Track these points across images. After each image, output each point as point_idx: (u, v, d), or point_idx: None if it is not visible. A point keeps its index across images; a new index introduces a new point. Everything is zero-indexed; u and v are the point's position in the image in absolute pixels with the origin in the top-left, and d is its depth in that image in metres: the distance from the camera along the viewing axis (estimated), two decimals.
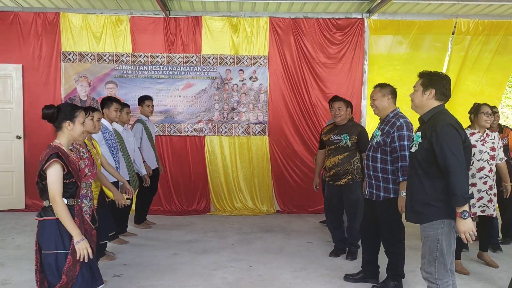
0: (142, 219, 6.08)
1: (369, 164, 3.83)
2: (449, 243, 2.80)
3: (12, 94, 6.80)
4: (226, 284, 4.01)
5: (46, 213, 2.67)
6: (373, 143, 3.80)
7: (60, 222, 2.63)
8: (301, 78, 7.04)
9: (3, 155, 6.79)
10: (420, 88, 2.95)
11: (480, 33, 7.05)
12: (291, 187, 7.12)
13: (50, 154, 2.62)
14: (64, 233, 2.63)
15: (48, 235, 2.64)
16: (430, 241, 2.80)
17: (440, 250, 2.78)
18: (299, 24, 7.02)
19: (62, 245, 2.62)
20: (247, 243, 5.36)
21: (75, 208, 2.74)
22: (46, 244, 2.64)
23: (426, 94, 2.91)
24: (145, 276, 4.20)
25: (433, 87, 2.89)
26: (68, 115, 2.75)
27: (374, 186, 3.80)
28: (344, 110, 4.66)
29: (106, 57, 6.94)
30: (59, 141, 2.74)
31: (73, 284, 2.63)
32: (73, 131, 2.77)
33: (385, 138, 3.67)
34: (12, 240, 5.33)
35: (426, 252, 2.85)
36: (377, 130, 3.80)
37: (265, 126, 7.14)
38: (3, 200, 6.77)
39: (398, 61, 7.16)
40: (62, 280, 2.59)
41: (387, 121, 3.74)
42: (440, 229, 2.76)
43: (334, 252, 4.87)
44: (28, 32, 6.82)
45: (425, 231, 2.84)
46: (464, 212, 2.61)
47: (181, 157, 7.06)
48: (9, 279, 4.05)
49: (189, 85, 7.05)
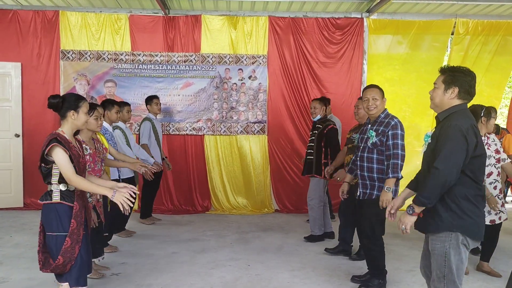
0: (147, 214, 6.14)
1: (363, 165, 3.81)
2: (459, 258, 2.57)
3: (11, 92, 6.79)
4: (224, 283, 4.01)
5: (47, 197, 2.81)
6: (368, 145, 3.75)
7: (58, 206, 2.78)
8: (300, 77, 7.04)
9: (2, 153, 6.79)
10: (442, 86, 2.65)
11: (479, 33, 7.07)
12: (289, 186, 7.12)
13: (50, 139, 2.74)
14: (63, 216, 2.78)
15: (49, 218, 2.79)
16: (437, 255, 2.61)
17: (448, 266, 2.56)
18: (298, 23, 7.02)
19: (62, 227, 2.77)
20: (246, 242, 5.36)
21: (75, 193, 2.85)
22: (48, 226, 2.79)
23: (448, 93, 2.62)
24: (144, 274, 4.19)
25: (456, 85, 2.60)
26: (73, 105, 2.87)
27: (368, 186, 3.79)
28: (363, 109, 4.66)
29: (105, 55, 6.93)
30: (62, 129, 2.86)
31: (72, 265, 2.79)
32: (77, 121, 2.89)
33: (381, 138, 3.67)
34: (10, 238, 5.33)
35: (434, 267, 2.65)
36: (371, 131, 3.75)
37: (264, 125, 7.14)
38: (1, 198, 6.77)
39: (398, 61, 7.17)
40: (58, 260, 2.73)
41: (380, 122, 3.73)
42: (447, 242, 2.56)
43: (333, 250, 4.88)
44: (27, 30, 6.82)
45: (431, 243, 2.66)
46: (411, 208, 2.58)
47: (180, 156, 7.06)
48: (7, 277, 4.04)
49: (188, 84, 7.05)
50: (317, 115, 5.37)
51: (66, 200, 2.80)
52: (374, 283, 3.87)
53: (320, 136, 5.25)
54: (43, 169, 2.80)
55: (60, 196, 2.79)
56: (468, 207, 2.54)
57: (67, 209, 2.80)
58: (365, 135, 3.83)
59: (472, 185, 2.56)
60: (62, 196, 2.79)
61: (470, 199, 2.55)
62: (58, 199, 2.78)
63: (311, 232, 5.42)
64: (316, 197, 5.28)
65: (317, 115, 5.36)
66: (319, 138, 5.26)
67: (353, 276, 4.11)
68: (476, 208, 2.58)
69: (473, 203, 2.56)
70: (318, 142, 5.27)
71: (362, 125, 4.71)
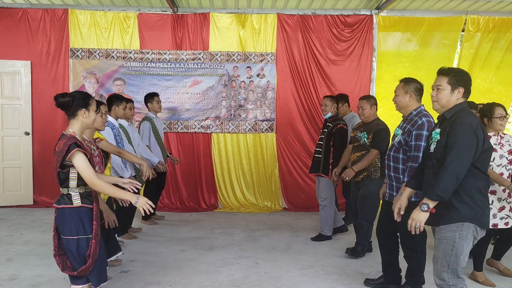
0: (149, 216, 6.09)
1: (389, 164, 3.63)
2: (467, 248, 2.66)
3: (21, 90, 6.83)
4: (233, 281, 4.00)
5: (64, 201, 2.74)
6: (395, 143, 3.58)
7: (79, 209, 2.73)
8: (309, 75, 7.01)
9: (12, 151, 6.83)
10: (448, 87, 2.76)
11: (490, 30, 6.98)
12: (298, 184, 7.10)
13: (69, 144, 2.65)
14: (84, 219, 2.74)
15: (69, 222, 2.72)
16: (445, 244, 2.68)
17: (455, 254, 2.65)
18: (307, 20, 6.99)
19: (83, 230, 2.72)
20: (254, 240, 5.35)
21: (92, 194, 2.82)
22: (67, 230, 2.73)
23: (455, 93, 2.75)
24: (152, 272, 4.20)
25: (462, 85, 2.75)
26: (83, 103, 2.79)
27: (394, 188, 3.60)
28: (368, 109, 4.62)
29: (114, 54, 6.95)
30: (73, 130, 2.78)
31: (94, 266, 2.77)
32: (88, 119, 2.82)
33: (406, 137, 3.48)
34: (20, 235, 5.36)
35: (439, 256, 2.72)
36: (398, 129, 3.61)
37: (272, 123, 7.12)
38: (11, 196, 6.81)
39: (407, 58, 7.11)
40: (88, 262, 2.71)
41: (410, 119, 3.54)
42: (457, 232, 2.64)
43: (352, 249, 4.80)
44: (37, 28, 6.86)
45: (441, 233, 2.72)
46: (426, 205, 2.64)
47: (188, 154, 7.07)
48: (17, 275, 4.06)
49: (197, 82, 7.05)
50: (328, 113, 5.27)
51: (86, 202, 2.75)
52: None
53: (330, 134, 5.20)
54: (61, 174, 2.73)
55: (80, 199, 2.73)
56: (480, 198, 2.67)
57: (88, 212, 2.77)
58: (395, 131, 3.68)
59: (482, 177, 2.70)
60: (82, 199, 2.74)
61: (481, 191, 2.69)
62: (79, 202, 2.72)
63: (321, 232, 5.37)
64: (328, 197, 5.21)
65: (328, 112, 5.27)
66: (328, 137, 5.22)
67: (366, 279, 3.99)
68: (485, 198, 2.74)
69: (483, 194, 2.71)
70: (327, 141, 5.23)
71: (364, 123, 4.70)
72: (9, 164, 6.82)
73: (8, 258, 4.52)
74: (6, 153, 6.82)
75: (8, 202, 6.80)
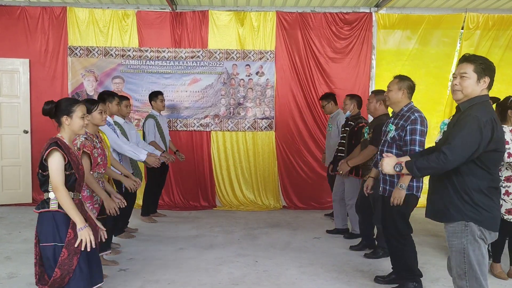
0: (149, 212, 6.11)
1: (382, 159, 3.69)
2: (479, 253, 2.53)
3: (19, 88, 6.81)
4: (232, 279, 3.99)
5: (43, 205, 2.69)
6: (388, 138, 3.65)
7: (56, 214, 2.65)
8: (308, 72, 7.00)
9: (11, 149, 6.82)
10: (474, 76, 2.54)
11: (490, 28, 6.96)
12: (297, 182, 7.09)
13: (50, 143, 2.65)
14: (60, 225, 2.63)
15: (46, 228, 2.65)
16: (455, 252, 2.58)
17: (468, 262, 2.52)
18: (306, 18, 6.97)
19: (59, 237, 2.62)
20: (253, 239, 5.34)
21: (74, 202, 2.70)
22: (44, 236, 2.65)
23: (481, 83, 2.55)
24: (151, 270, 4.19)
25: (487, 75, 2.55)
26: (65, 110, 2.75)
27: (388, 182, 3.66)
28: (373, 103, 4.57)
29: (112, 51, 6.93)
30: (61, 135, 2.77)
31: (70, 278, 2.60)
32: (71, 126, 2.77)
33: (400, 132, 3.55)
34: (18, 234, 5.35)
35: (454, 264, 2.62)
36: (391, 125, 3.65)
37: (271, 121, 7.11)
38: (10, 194, 6.80)
39: (407, 56, 7.07)
40: (55, 273, 2.56)
41: (401, 115, 3.61)
42: (464, 237, 2.53)
43: (357, 246, 4.82)
44: (35, 26, 6.83)
45: (449, 239, 2.63)
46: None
47: (187, 152, 7.04)
48: (16, 273, 4.06)
49: (196, 80, 7.03)
50: (347, 112, 5.29)
51: (63, 208, 2.63)
52: (409, 286, 3.65)
53: (351, 133, 5.16)
54: (40, 175, 2.67)
55: (58, 204, 2.64)
56: (481, 199, 2.52)
57: (65, 219, 2.64)
58: (387, 128, 3.72)
59: (485, 177, 2.53)
60: (59, 204, 2.64)
61: (483, 191, 2.52)
62: (56, 207, 2.64)
63: (352, 231, 5.33)
64: (354, 196, 5.09)
65: (347, 111, 5.28)
66: (350, 136, 5.18)
67: (376, 276, 3.96)
68: (490, 200, 2.55)
69: (486, 195, 2.53)
70: (349, 140, 5.20)
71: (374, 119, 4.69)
72: (8, 162, 6.81)
73: (6, 256, 4.51)
74: (5, 151, 6.81)
75: (6, 200, 6.79)
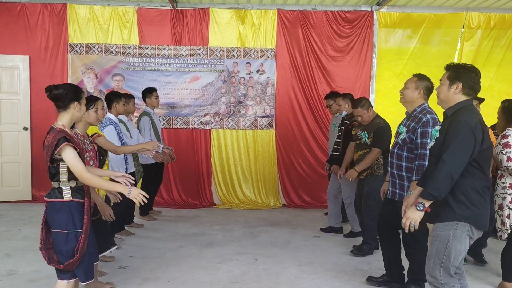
0: (147, 211, 6.10)
1: (393, 162, 3.57)
2: (460, 248, 2.64)
3: (19, 85, 6.80)
4: (232, 277, 3.99)
5: (55, 194, 2.74)
6: (399, 140, 3.52)
7: (70, 203, 2.73)
8: (309, 71, 6.98)
9: (10, 146, 6.81)
10: (446, 82, 2.74)
11: (491, 27, 6.95)
12: (297, 181, 7.09)
13: (58, 138, 2.64)
14: (74, 213, 2.73)
15: (59, 216, 2.71)
16: (439, 242, 2.67)
17: (448, 253, 2.64)
18: (307, 16, 6.95)
19: (73, 225, 2.71)
20: (253, 237, 5.34)
21: (84, 188, 2.81)
22: (57, 224, 2.72)
23: (452, 88, 2.72)
24: (150, 268, 4.19)
25: (460, 81, 2.70)
26: (76, 96, 2.79)
27: (397, 186, 3.54)
28: (366, 113, 4.56)
29: (113, 49, 6.91)
30: (62, 123, 2.77)
31: (81, 261, 2.76)
32: (78, 112, 2.82)
33: (411, 135, 3.41)
34: (18, 231, 5.35)
35: (432, 253, 2.72)
36: (402, 127, 3.52)
37: (271, 119, 7.10)
38: (10, 191, 6.79)
39: (408, 55, 7.06)
40: (75, 257, 2.69)
41: (414, 117, 3.47)
42: (451, 230, 2.62)
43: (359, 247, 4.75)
44: (35, 23, 6.82)
45: (436, 231, 2.72)
46: (422, 204, 2.63)
47: (187, 150, 7.05)
48: (15, 270, 4.06)
49: (196, 78, 7.02)
50: (343, 112, 5.37)
51: (77, 197, 2.74)
52: None
53: (347, 132, 5.18)
54: (51, 168, 2.73)
55: (71, 193, 2.73)
56: (476, 198, 2.62)
57: (79, 206, 2.75)
58: (398, 129, 3.60)
59: (480, 177, 2.65)
60: (73, 193, 2.74)
61: (478, 191, 2.63)
62: (70, 197, 2.72)
63: (352, 229, 5.34)
64: (351, 195, 5.13)
65: (343, 111, 5.37)
66: (345, 135, 5.20)
67: (369, 276, 3.94)
68: (483, 199, 2.66)
69: (481, 195, 2.64)
70: (344, 139, 5.22)
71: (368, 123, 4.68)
72: (8, 159, 6.80)
73: (6, 253, 4.52)
74: (5, 148, 6.80)
75: (6, 197, 6.77)
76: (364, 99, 4.68)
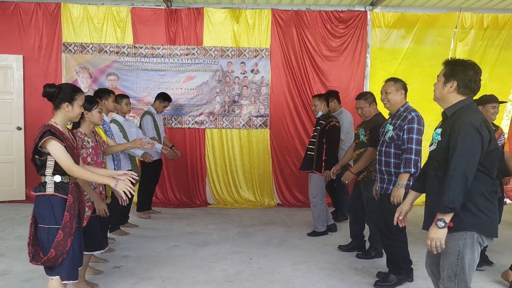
0: (144, 208, 6.12)
1: (381, 159, 3.77)
2: (473, 257, 2.48)
3: (13, 85, 6.77)
4: (226, 276, 4.00)
5: (40, 189, 2.77)
6: (386, 138, 3.72)
7: (52, 198, 2.74)
8: (303, 71, 7.01)
9: (4, 146, 6.78)
10: (442, 79, 2.58)
11: (484, 28, 7.00)
12: (291, 180, 7.11)
13: (43, 132, 2.69)
14: (56, 208, 2.74)
15: (42, 210, 2.75)
16: (450, 254, 2.49)
17: (461, 265, 2.46)
18: (301, 16, 6.97)
19: (54, 220, 2.73)
20: (248, 236, 5.35)
21: (69, 185, 2.80)
22: (41, 218, 2.76)
23: (447, 87, 2.55)
24: (145, 267, 4.19)
25: (455, 79, 2.52)
26: (68, 97, 2.81)
27: (385, 181, 3.75)
28: (367, 107, 4.52)
29: (107, 48, 6.90)
30: (55, 120, 2.81)
31: (64, 258, 2.75)
32: (70, 113, 2.84)
33: (398, 132, 3.64)
34: (12, 231, 5.33)
35: (445, 265, 2.53)
36: (389, 125, 3.74)
37: (266, 119, 7.11)
38: (3, 191, 6.77)
39: (401, 55, 7.10)
40: (50, 253, 2.69)
41: (398, 115, 3.70)
42: (461, 240, 2.45)
43: (346, 246, 4.81)
44: (29, 22, 6.79)
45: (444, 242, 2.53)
46: (442, 221, 2.39)
47: (182, 150, 7.02)
48: (9, 270, 4.04)
49: (191, 78, 7.02)
50: (319, 112, 5.32)
51: (60, 192, 2.75)
52: (391, 278, 3.80)
53: (322, 132, 5.21)
54: (37, 160, 2.75)
55: (54, 188, 2.74)
56: (483, 203, 2.45)
57: (61, 201, 2.75)
58: (384, 128, 3.80)
59: (487, 181, 2.48)
60: (56, 188, 2.74)
61: (486, 196, 2.46)
62: (52, 191, 2.74)
63: (315, 229, 5.39)
64: (318, 194, 5.25)
65: (319, 112, 5.33)
66: (321, 135, 5.23)
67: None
68: (491, 204, 2.48)
69: (488, 200, 2.47)
70: (319, 138, 5.24)
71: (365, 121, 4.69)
72: (1, 159, 6.77)
73: (0, 253, 4.49)
74: None
75: (0, 197, 6.75)
76: (370, 93, 4.62)
